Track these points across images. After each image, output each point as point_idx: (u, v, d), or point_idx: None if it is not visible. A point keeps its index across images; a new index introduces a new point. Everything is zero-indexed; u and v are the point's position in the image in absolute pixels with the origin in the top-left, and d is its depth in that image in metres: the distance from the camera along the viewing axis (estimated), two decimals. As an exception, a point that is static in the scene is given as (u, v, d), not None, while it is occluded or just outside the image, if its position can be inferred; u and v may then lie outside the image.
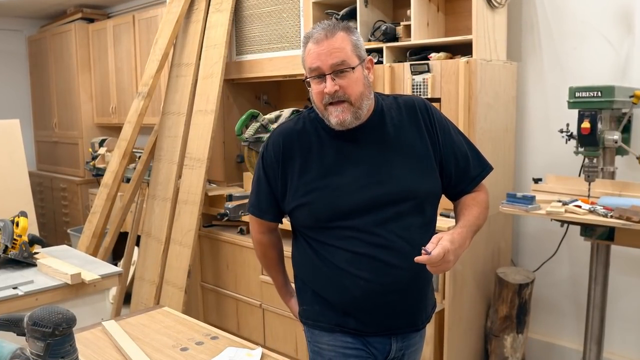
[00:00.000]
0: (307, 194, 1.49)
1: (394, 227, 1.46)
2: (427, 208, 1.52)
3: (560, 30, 2.77)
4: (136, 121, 3.69)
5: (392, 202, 1.46)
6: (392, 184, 1.47)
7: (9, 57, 6.23)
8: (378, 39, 2.84)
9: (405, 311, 1.53)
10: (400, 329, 1.54)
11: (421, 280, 1.53)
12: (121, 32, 5.05)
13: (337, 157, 1.49)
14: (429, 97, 2.63)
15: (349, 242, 1.47)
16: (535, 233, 2.95)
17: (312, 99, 1.48)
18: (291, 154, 1.52)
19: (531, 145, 2.93)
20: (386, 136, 1.50)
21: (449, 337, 2.55)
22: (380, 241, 1.45)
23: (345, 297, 1.50)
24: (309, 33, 1.46)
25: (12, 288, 1.97)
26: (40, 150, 6.32)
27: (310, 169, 1.50)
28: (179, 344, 1.49)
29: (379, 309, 1.50)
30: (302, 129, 1.54)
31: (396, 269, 1.46)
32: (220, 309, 3.58)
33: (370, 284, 1.46)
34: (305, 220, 1.53)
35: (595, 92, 2.24)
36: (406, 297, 1.51)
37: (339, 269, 1.49)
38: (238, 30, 3.58)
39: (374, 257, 1.46)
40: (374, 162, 1.48)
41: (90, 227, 3.75)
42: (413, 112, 1.54)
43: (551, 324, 2.96)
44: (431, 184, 1.52)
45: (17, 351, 1.11)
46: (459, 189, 1.58)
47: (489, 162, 1.61)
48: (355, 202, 1.46)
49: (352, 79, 1.42)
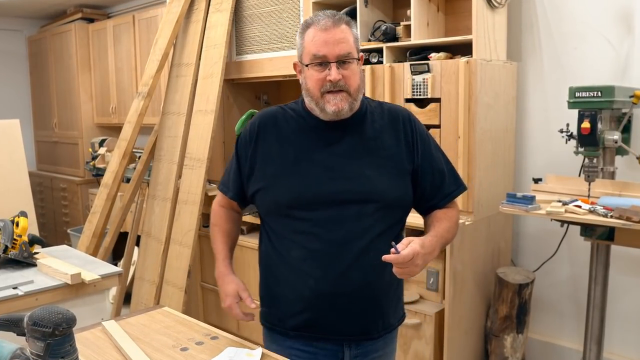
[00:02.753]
0: (273, 178, 1.49)
1: (353, 227, 1.43)
2: (391, 215, 1.49)
3: (560, 30, 2.77)
4: (136, 121, 3.69)
5: (356, 201, 1.44)
6: (359, 183, 1.45)
7: (9, 57, 6.23)
8: (378, 39, 2.84)
9: (356, 317, 1.48)
10: (352, 336, 1.50)
11: (377, 286, 1.48)
12: (121, 32, 5.05)
13: (310, 146, 1.49)
14: (429, 97, 2.63)
15: (305, 237, 1.45)
16: (535, 233, 2.95)
17: (307, 85, 1.46)
18: (266, 137, 1.52)
19: (531, 145, 2.93)
20: (364, 136, 1.50)
21: (449, 337, 2.55)
22: (336, 239, 1.43)
23: (297, 297, 1.49)
24: (310, 19, 1.46)
25: (12, 288, 1.97)
26: (40, 150, 6.32)
27: (281, 154, 1.50)
28: (179, 344, 1.49)
29: (328, 312, 1.47)
30: (283, 115, 1.55)
31: (349, 271, 1.43)
32: (220, 309, 3.56)
33: (319, 284, 1.44)
34: (266, 205, 1.52)
35: (595, 92, 2.24)
36: (358, 302, 1.46)
37: (291, 266, 1.48)
38: (238, 30, 3.58)
39: (328, 255, 1.43)
40: (346, 158, 1.47)
41: (90, 227, 3.74)
42: (395, 120, 1.54)
43: (551, 324, 2.96)
44: (399, 191, 1.49)
45: (17, 351, 1.11)
46: (432, 204, 1.56)
47: (463, 182, 1.61)
48: (318, 193, 1.44)
49: (354, 71, 1.44)
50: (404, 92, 2.70)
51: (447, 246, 2.49)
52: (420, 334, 2.58)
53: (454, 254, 2.51)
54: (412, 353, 2.61)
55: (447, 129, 2.60)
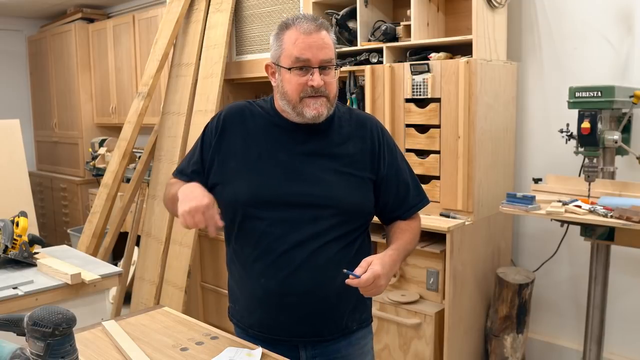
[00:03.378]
0: (233, 173, 1.47)
1: (308, 230, 1.42)
2: (349, 221, 1.46)
3: (560, 30, 2.77)
4: (136, 121, 3.69)
5: (312, 205, 1.42)
6: (317, 187, 1.43)
7: (9, 57, 6.23)
8: (378, 39, 2.84)
9: (306, 317, 1.47)
10: (304, 337, 1.49)
11: (328, 289, 1.45)
12: (121, 32, 5.05)
13: (273, 146, 1.47)
14: (429, 97, 2.63)
15: (259, 236, 1.44)
16: (535, 233, 2.95)
17: (284, 88, 1.42)
18: (231, 130, 1.50)
19: (531, 145, 2.93)
20: (329, 141, 1.48)
21: (449, 337, 2.55)
22: (290, 240, 1.42)
23: (250, 295, 1.50)
24: (290, 21, 1.42)
25: (12, 288, 1.97)
26: (40, 150, 6.33)
27: (244, 150, 1.48)
28: (179, 344, 1.49)
29: (279, 312, 1.46)
30: (251, 111, 1.52)
31: (299, 271, 1.42)
32: (220, 309, 3.58)
33: (270, 283, 1.44)
34: (225, 200, 1.49)
35: (595, 92, 2.24)
36: (306, 303, 1.45)
37: (246, 266, 1.49)
38: (238, 30, 3.58)
39: (280, 255, 1.42)
40: (308, 162, 1.45)
41: (90, 227, 3.74)
42: (363, 128, 1.52)
43: (551, 324, 2.96)
44: (359, 199, 1.48)
45: (17, 351, 1.11)
46: (395, 215, 1.55)
47: (427, 196, 1.61)
48: (275, 193, 1.43)
49: (332, 77, 1.43)
50: (404, 92, 2.71)
51: (447, 245, 2.50)
52: (420, 334, 2.58)
53: (454, 254, 2.51)
54: (412, 353, 2.61)
55: (447, 129, 2.60)
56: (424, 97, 2.64)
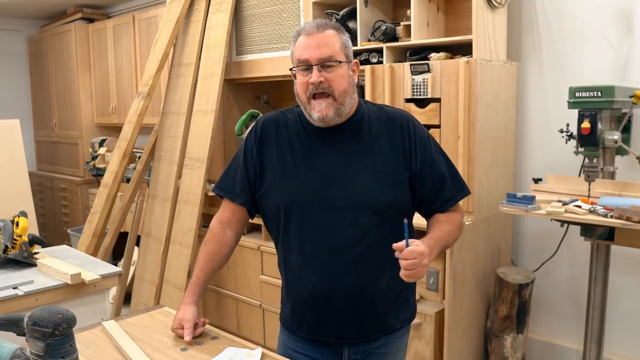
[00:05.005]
0: (273, 182, 1.52)
1: (348, 233, 1.45)
2: (387, 221, 1.48)
3: (560, 30, 2.77)
4: (136, 121, 3.69)
5: (350, 208, 1.45)
6: (352, 190, 1.46)
7: (9, 57, 6.23)
8: (378, 39, 2.84)
9: (352, 320, 1.51)
10: (350, 339, 1.53)
11: (373, 291, 1.50)
12: (121, 32, 5.06)
13: (307, 153, 1.50)
14: (429, 97, 2.63)
15: (301, 243, 1.49)
16: (535, 233, 2.95)
17: (297, 91, 1.49)
18: (269, 142, 1.55)
19: (531, 145, 2.93)
20: (360, 142, 1.50)
21: (449, 337, 2.55)
22: (331, 245, 1.45)
23: (297, 300, 1.54)
24: (300, 28, 1.50)
25: (12, 288, 1.97)
26: (40, 150, 6.33)
27: (281, 159, 1.52)
28: (179, 344, 1.49)
29: (325, 315, 1.51)
30: (284, 120, 1.57)
31: (344, 275, 1.46)
32: (220, 309, 3.58)
33: (317, 288, 1.48)
34: (267, 209, 1.54)
35: (595, 92, 2.24)
36: (352, 306, 1.49)
37: (293, 272, 1.53)
38: (238, 30, 3.58)
39: (324, 261, 1.46)
40: (341, 164, 1.48)
41: (90, 227, 3.75)
42: (393, 125, 1.53)
43: (551, 324, 2.96)
44: (395, 197, 1.49)
45: (17, 351, 1.11)
46: (432, 208, 1.56)
47: (466, 187, 1.60)
48: (313, 199, 1.46)
49: (338, 74, 1.44)
50: (404, 92, 2.71)
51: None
52: (420, 334, 2.58)
53: (454, 254, 2.51)
54: (412, 353, 2.61)
55: (447, 129, 2.60)
56: (424, 97, 2.64)
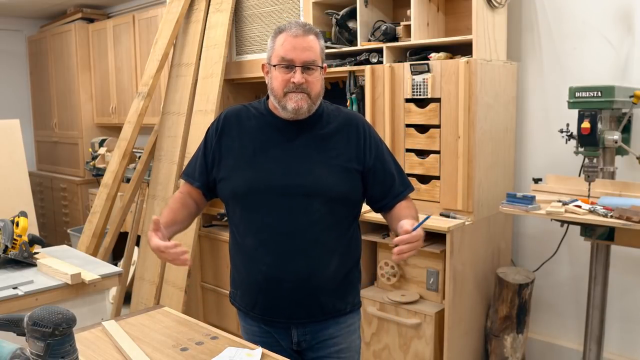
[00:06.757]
0: (232, 169, 1.63)
1: (301, 219, 1.56)
2: (338, 209, 1.61)
3: (560, 30, 2.77)
4: (136, 121, 3.69)
5: (304, 195, 1.56)
6: (307, 178, 1.57)
7: (9, 57, 6.23)
8: (378, 39, 2.84)
9: (302, 302, 1.61)
10: (300, 319, 1.63)
11: (322, 275, 1.60)
12: (121, 32, 5.06)
13: (266, 143, 1.62)
14: (429, 97, 2.63)
15: (257, 227, 1.59)
16: (535, 233, 2.95)
17: (272, 84, 1.59)
18: (230, 133, 1.67)
19: (531, 145, 2.93)
20: (317, 137, 1.62)
21: (449, 337, 2.55)
22: (285, 229, 1.56)
23: (251, 281, 1.63)
24: (283, 26, 1.59)
25: (12, 288, 1.97)
26: (40, 150, 6.32)
27: (241, 148, 1.63)
28: (179, 344, 1.49)
29: (277, 296, 1.60)
30: (247, 112, 1.69)
31: (296, 259, 1.57)
32: (220, 309, 3.58)
33: (270, 270, 1.58)
34: (226, 195, 1.65)
35: (595, 92, 2.24)
36: (302, 288, 1.59)
37: (247, 254, 1.62)
38: (238, 30, 3.58)
39: (278, 244, 1.57)
40: (298, 155, 1.60)
41: (90, 227, 3.75)
42: (349, 124, 1.66)
43: (551, 324, 2.96)
44: (346, 188, 1.61)
45: (17, 351, 1.11)
46: (383, 203, 1.70)
47: (411, 184, 1.76)
48: (270, 185, 1.57)
49: (316, 77, 1.58)
50: (404, 92, 2.71)
51: (447, 245, 2.50)
52: (420, 334, 2.58)
53: (454, 254, 2.51)
54: (412, 353, 2.61)
55: (447, 129, 2.60)
56: (424, 97, 2.64)
